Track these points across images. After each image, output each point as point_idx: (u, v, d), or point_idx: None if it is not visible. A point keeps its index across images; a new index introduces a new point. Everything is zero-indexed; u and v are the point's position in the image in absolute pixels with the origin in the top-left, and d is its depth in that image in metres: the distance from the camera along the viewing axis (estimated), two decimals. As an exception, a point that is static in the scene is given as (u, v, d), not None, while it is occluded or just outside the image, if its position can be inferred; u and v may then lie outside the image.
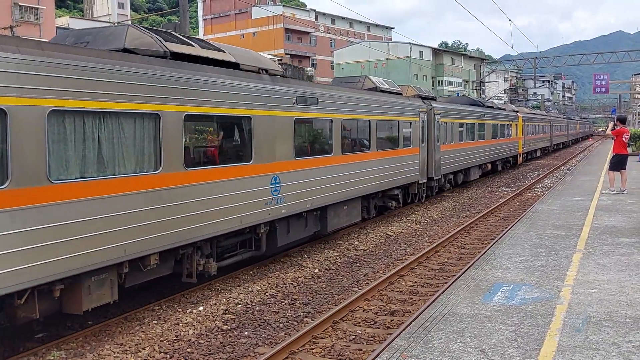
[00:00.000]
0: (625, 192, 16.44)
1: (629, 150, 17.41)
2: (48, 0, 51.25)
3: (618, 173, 16.60)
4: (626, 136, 16.50)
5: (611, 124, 17.97)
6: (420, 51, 76.13)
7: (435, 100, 20.99)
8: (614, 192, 16.49)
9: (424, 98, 19.44)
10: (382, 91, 15.97)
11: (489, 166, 27.93)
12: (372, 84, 15.79)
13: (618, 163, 16.45)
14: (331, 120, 12.50)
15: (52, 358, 6.88)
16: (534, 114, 44.71)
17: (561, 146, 60.48)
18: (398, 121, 16.24)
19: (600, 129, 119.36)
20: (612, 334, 5.73)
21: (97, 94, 6.94)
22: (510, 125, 31.68)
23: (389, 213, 17.10)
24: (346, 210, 13.41)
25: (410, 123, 17.21)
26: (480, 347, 5.49)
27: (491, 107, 29.30)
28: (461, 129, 22.78)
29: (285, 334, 7.77)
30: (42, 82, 6.32)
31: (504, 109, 32.43)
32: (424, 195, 19.24)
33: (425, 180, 18.63)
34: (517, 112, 35.81)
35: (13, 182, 6.02)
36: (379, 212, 16.51)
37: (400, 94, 17.39)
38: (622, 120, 17.52)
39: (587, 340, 5.59)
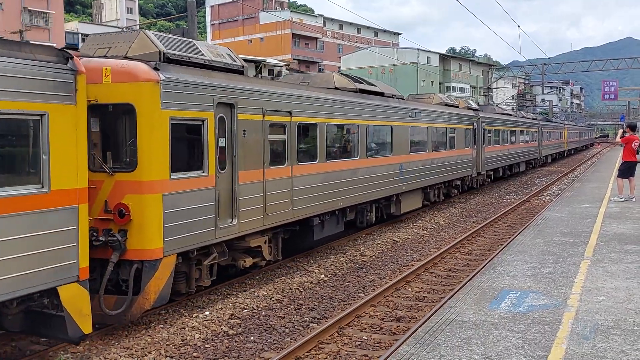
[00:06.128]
0: (634, 200, 16.33)
1: (638, 157, 17.30)
2: (57, 5, 51.79)
3: (627, 180, 16.52)
4: (635, 143, 16.42)
5: (620, 131, 17.88)
6: (427, 57, 75.99)
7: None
8: (623, 199, 16.40)
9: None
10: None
11: None
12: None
13: (627, 170, 16.38)
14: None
15: (59, 361, 6.91)
16: (393, 97, 15.94)
17: (531, 166, 38.18)
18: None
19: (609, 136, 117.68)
20: (620, 342, 5.69)
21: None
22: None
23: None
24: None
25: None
26: (487, 355, 5.46)
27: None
28: None
29: (291, 339, 7.76)
30: None
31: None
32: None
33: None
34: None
35: None
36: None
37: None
38: (633, 128, 17.42)
39: (595, 348, 5.55)
